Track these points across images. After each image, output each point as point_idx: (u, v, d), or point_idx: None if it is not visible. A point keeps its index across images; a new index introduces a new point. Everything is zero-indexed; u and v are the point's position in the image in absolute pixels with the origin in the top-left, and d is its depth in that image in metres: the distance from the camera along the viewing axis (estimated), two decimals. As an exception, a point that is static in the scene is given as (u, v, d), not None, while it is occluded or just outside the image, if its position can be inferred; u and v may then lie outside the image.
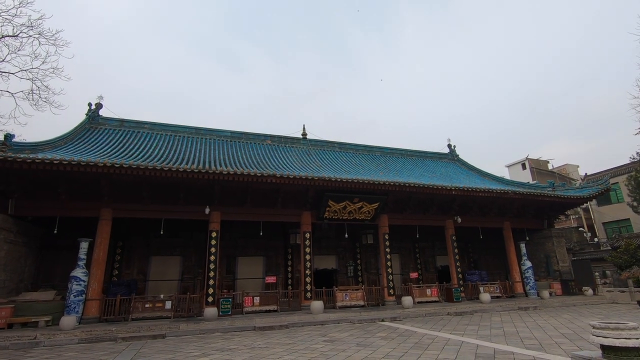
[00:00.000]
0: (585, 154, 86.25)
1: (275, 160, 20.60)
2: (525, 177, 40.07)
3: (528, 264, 20.71)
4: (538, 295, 19.75)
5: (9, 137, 12.85)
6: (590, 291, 20.41)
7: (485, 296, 18.02)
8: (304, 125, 25.60)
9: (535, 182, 31.83)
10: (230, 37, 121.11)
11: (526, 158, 43.77)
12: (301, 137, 25.17)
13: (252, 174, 14.52)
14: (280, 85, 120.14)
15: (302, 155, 22.69)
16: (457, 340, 9.12)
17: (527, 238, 22.66)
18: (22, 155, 11.99)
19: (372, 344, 9.00)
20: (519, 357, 6.97)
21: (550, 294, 20.02)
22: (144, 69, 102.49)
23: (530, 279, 20.37)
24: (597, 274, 22.20)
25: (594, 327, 5.10)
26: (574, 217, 35.84)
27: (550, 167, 45.06)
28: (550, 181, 23.06)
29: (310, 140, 25.11)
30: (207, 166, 14.95)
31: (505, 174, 43.70)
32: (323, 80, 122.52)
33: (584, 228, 33.40)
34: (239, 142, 22.72)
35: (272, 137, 24.12)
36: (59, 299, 13.45)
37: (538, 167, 43.28)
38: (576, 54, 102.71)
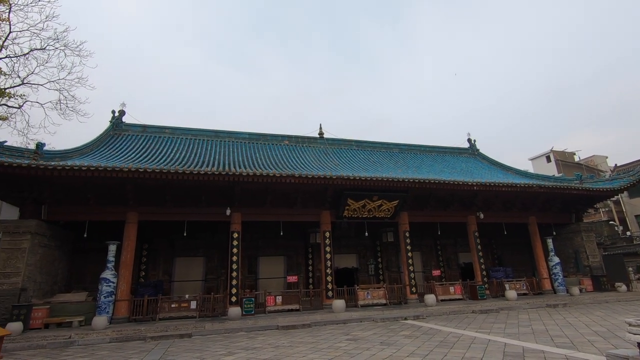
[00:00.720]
0: (615, 143, 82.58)
1: (293, 160, 20.74)
2: (550, 170, 38.70)
3: (556, 259, 20.03)
4: (567, 292, 19.08)
5: (40, 146, 13.47)
6: (623, 287, 19.57)
7: (511, 293, 17.56)
8: (320, 125, 25.67)
9: (561, 175, 30.67)
10: (245, 40, 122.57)
11: (550, 150, 42.28)
12: (318, 136, 25.23)
13: (271, 174, 14.66)
14: (295, 86, 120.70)
15: (320, 155, 22.74)
16: (484, 338, 8.94)
17: (554, 233, 21.91)
18: (52, 163, 12.54)
19: (396, 342, 8.94)
20: (549, 355, 6.77)
21: (581, 290, 19.30)
22: (162, 74, 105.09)
23: (559, 275, 19.70)
24: (630, 269, 21.26)
25: (629, 325, 4.90)
26: (604, 210, 34.37)
27: (576, 159, 43.34)
28: (577, 173, 22.22)
29: (327, 139, 25.13)
30: (226, 168, 15.23)
31: (528, 167, 42.36)
32: (338, 79, 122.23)
33: (615, 221, 31.95)
34: (256, 143, 22.99)
35: (289, 137, 24.28)
36: (91, 299, 14.01)
37: (563, 160, 41.73)
38: (600, 37, 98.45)
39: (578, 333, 9.16)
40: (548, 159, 42.24)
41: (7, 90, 16.87)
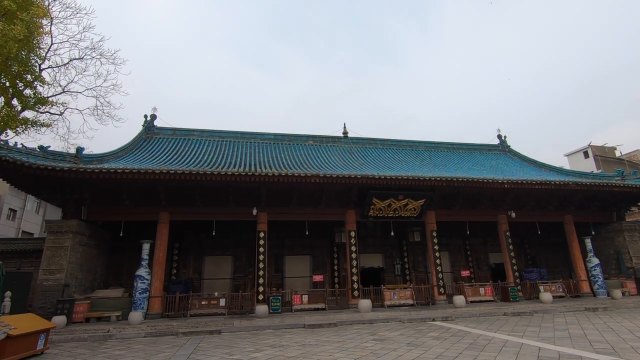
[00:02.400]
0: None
1: (318, 160, 20.83)
2: (588, 166, 36.67)
3: (595, 260, 18.96)
4: (608, 295, 18.03)
5: (79, 150, 14.28)
6: (671, 291, 18.25)
7: (546, 295, 16.81)
8: (344, 124, 25.62)
9: (600, 171, 28.93)
10: (269, 40, 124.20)
11: (588, 145, 40.06)
12: (342, 135, 25.20)
13: (297, 174, 14.81)
14: (319, 85, 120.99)
15: (344, 154, 22.71)
16: (516, 342, 8.63)
17: (593, 233, 20.75)
18: (91, 166, 13.27)
19: (423, 343, 8.80)
20: (587, 361, 6.44)
21: (623, 293, 18.17)
22: (190, 78, 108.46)
23: (599, 277, 18.63)
24: (680, 271, 19.77)
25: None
26: (649, 208, 32.14)
27: (617, 154, 40.80)
28: (618, 169, 20.90)
29: (352, 139, 25.04)
30: (253, 169, 15.52)
31: (564, 163, 40.43)
32: (362, 77, 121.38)
33: (662, 220, 29.82)
34: (281, 144, 23.27)
35: (313, 137, 24.40)
36: (127, 296, 14.71)
37: (603, 155, 39.42)
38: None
39: (620, 339, 8.64)
40: (586, 155, 40.08)
41: (50, 99, 18.07)
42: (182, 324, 12.71)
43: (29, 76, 16.02)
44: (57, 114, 18.93)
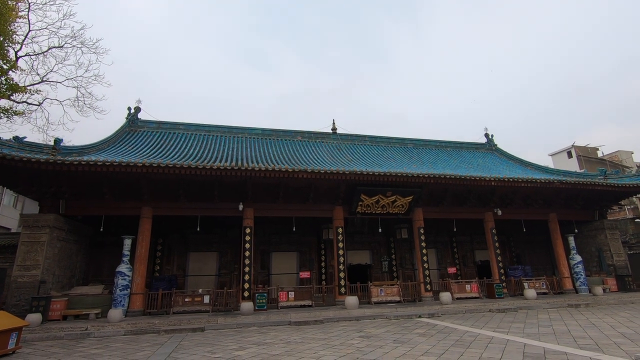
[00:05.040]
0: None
1: (306, 155, 20.59)
2: (572, 166, 37.37)
3: (578, 258, 19.29)
4: (590, 292, 18.38)
5: (58, 141, 13.71)
6: (650, 287, 18.71)
7: (530, 292, 17.02)
8: (333, 120, 25.40)
9: (583, 170, 29.48)
10: (260, 37, 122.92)
11: (572, 145, 40.84)
12: (331, 131, 24.99)
13: (284, 169, 14.56)
14: (309, 83, 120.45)
15: (333, 150, 22.53)
16: (502, 338, 8.62)
17: (576, 230, 21.12)
18: (69, 158, 12.75)
19: (410, 340, 8.71)
20: (572, 358, 6.43)
21: (604, 290, 18.56)
22: (178, 72, 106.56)
23: (581, 274, 18.97)
24: (658, 268, 20.31)
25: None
26: (629, 207, 32.99)
27: (600, 155, 41.73)
28: (601, 169, 21.30)
29: (341, 135, 24.87)
30: (239, 163, 15.20)
31: (548, 163, 41.06)
32: (352, 75, 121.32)
33: (640, 219, 30.63)
34: (269, 139, 22.94)
35: (302, 133, 24.13)
36: (107, 292, 14.25)
37: (586, 155, 40.24)
38: (618, 31, 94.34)
39: (603, 334, 8.72)
40: (569, 155, 40.84)
41: (28, 87, 17.30)
42: (164, 321, 12.36)
43: (1, 62, 15.27)
44: (35, 104, 18.17)
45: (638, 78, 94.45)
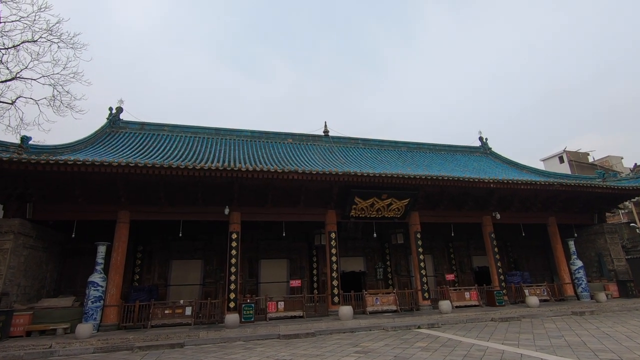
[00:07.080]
0: (625, 145, 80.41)
1: (298, 158, 19.70)
2: (564, 171, 37.12)
3: (579, 263, 18.64)
4: (592, 298, 17.71)
5: (25, 139, 12.58)
6: (653, 293, 18.13)
7: (532, 300, 16.23)
8: (325, 122, 24.66)
9: (576, 175, 29.30)
10: (250, 43, 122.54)
11: (564, 150, 40.79)
12: (323, 134, 24.20)
13: (273, 170, 13.63)
14: (299, 89, 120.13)
15: (325, 153, 21.69)
16: (514, 352, 7.73)
17: (576, 235, 20.54)
18: (35, 157, 11.62)
19: (412, 356, 7.77)
20: (603, 376, 5.57)
21: (607, 296, 17.90)
22: (165, 76, 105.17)
23: (582, 280, 18.31)
24: (658, 273, 19.78)
25: None
26: (623, 212, 32.76)
27: (590, 160, 41.78)
28: (599, 171, 20.88)
29: (333, 138, 24.08)
30: (225, 164, 14.21)
31: (540, 168, 40.93)
32: (343, 82, 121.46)
33: (635, 223, 30.36)
34: (259, 141, 22.02)
35: (293, 135, 23.28)
36: (78, 305, 13.00)
37: (577, 160, 40.21)
38: (590, 46, 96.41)
39: (623, 347, 7.90)
40: (561, 160, 40.77)
41: (-2, 84, 16.11)
42: (140, 336, 11.18)
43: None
44: (8, 103, 16.98)
45: (614, 86, 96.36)
